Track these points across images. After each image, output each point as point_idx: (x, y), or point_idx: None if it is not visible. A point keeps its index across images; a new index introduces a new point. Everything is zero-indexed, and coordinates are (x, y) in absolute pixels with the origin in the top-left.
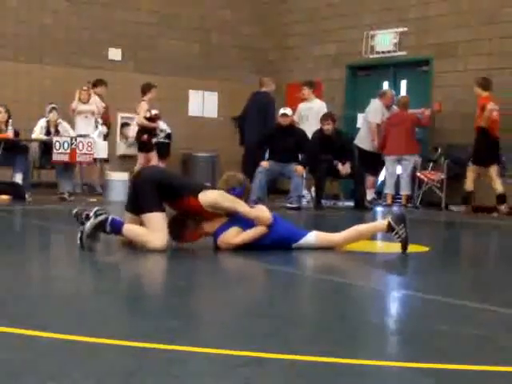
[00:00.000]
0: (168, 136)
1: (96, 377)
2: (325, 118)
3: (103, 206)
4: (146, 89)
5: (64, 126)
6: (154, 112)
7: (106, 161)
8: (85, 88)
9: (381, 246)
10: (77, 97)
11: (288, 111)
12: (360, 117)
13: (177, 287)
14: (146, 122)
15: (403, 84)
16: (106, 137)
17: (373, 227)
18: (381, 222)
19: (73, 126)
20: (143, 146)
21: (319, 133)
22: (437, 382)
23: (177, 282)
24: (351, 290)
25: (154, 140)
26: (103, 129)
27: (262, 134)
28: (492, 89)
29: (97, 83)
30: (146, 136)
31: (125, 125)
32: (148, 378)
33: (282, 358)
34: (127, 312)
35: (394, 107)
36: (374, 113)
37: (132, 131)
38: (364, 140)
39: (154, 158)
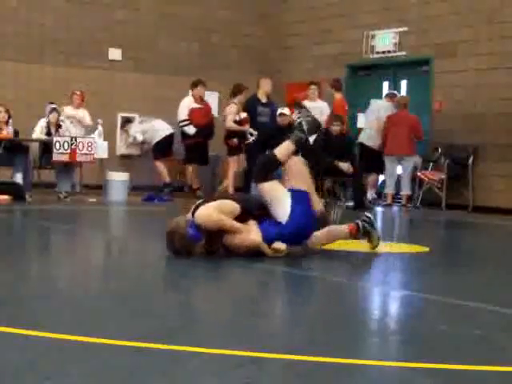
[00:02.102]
0: (170, 136)
1: (95, 376)
2: (335, 119)
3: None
4: (236, 90)
5: (67, 125)
6: (243, 115)
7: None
8: (78, 93)
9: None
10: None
11: (286, 111)
12: (360, 116)
13: (177, 287)
14: (234, 126)
15: (403, 84)
16: (192, 137)
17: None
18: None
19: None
20: (233, 151)
21: (325, 132)
22: (437, 382)
23: (176, 282)
24: (351, 290)
25: (250, 140)
26: (191, 128)
27: (260, 134)
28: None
29: (196, 83)
30: (235, 140)
31: (127, 121)
32: (147, 377)
33: (281, 358)
34: (127, 312)
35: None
36: (389, 111)
37: (133, 129)
38: (374, 138)
39: (243, 162)
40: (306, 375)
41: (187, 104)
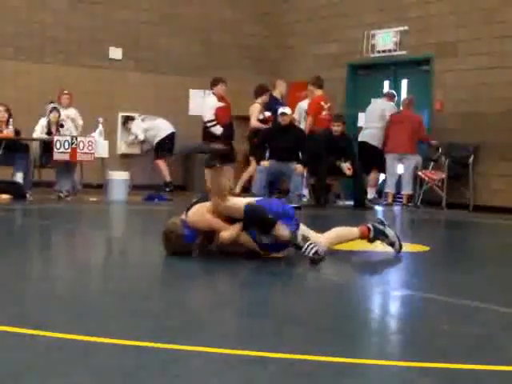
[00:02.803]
0: (171, 135)
1: (96, 376)
2: (336, 119)
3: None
4: (259, 91)
5: (68, 124)
6: (267, 114)
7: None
8: (66, 92)
9: (380, 245)
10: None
11: (287, 110)
12: (361, 115)
13: (176, 287)
14: (259, 125)
15: (404, 83)
16: (218, 138)
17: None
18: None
19: None
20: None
21: (327, 132)
22: (437, 381)
23: (176, 282)
24: (351, 289)
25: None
26: (218, 128)
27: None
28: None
29: (216, 81)
30: None
31: (129, 119)
32: (148, 377)
33: (282, 358)
34: (127, 311)
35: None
36: (392, 111)
37: (135, 126)
38: (377, 138)
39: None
40: (307, 375)
41: (213, 103)
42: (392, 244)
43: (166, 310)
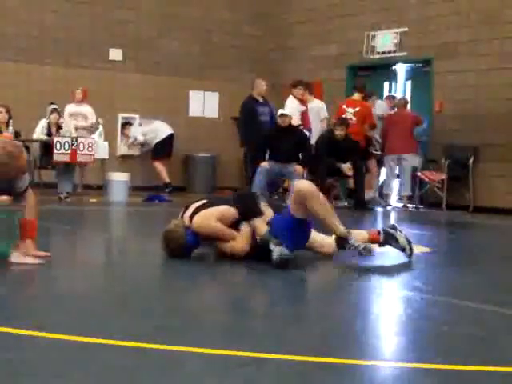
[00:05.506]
0: (170, 137)
1: (95, 377)
2: (339, 123)
3: None
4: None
5: (68, 126)
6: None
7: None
8: (80, 88)
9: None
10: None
11: (286, 111)
12: None
13: (176, 288)
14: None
15: (404, 85)
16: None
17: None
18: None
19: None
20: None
21: (329, 135)
22: (438, 382)
23: (176, 283)
24: (351, 290)
25: None
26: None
27: (260, 134)
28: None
29: (296, 84)
30: None
31: (126, 124)
32: (147, 378)
33: (281, 359)
34: (126, 312)
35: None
36: (384, 111)
37: (133, 130)
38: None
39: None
40: (306, 376)
41: (296, 107)
42: (403, 249)
43: (166, 311)
